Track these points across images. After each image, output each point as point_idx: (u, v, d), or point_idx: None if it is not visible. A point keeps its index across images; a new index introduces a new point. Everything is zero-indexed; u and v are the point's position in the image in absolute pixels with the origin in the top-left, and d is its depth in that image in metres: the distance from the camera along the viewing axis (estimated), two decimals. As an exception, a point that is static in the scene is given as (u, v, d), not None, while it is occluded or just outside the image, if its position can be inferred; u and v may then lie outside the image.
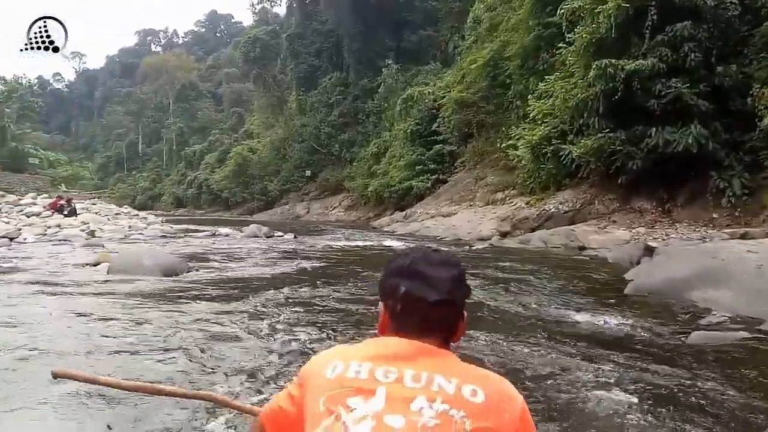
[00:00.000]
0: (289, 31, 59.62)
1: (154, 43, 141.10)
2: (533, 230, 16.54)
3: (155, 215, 33.12)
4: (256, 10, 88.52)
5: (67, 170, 55.67)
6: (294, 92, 56.96)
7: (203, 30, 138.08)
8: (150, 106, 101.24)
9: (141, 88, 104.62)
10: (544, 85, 18.97)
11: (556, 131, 17.25)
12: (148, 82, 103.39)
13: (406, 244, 14.93)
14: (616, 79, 14.12)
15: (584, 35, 15.29)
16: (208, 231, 18.24)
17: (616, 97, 14.22)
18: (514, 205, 19.60)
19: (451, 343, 1.18)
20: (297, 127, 55.36)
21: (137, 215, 25.30)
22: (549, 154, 17.03)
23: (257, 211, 55.85)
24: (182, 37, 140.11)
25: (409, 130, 34.82)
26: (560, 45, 17.74)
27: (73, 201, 20.50)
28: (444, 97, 31.79)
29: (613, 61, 14.18)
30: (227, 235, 17.12)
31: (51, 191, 37.13)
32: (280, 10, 76.12)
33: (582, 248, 12.82)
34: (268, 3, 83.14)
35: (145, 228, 17.42)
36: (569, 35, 16.39)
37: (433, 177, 32.16)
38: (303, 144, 53.73)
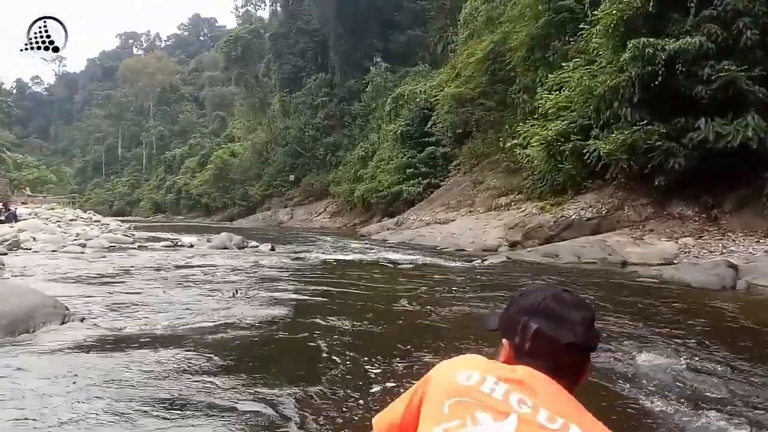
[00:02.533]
0: (272, 31, 57.52)
1: (136, 47, 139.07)
2: (549, 240, 14.21)
3: (122, 222, 30.52)
4: (240, 13, 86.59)
5: (33, 173, 52.53)
6: (277, 93, 54.72)
7: (186, 33, 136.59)
8: (130, 109, 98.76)
9: (120, 90, 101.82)
10: (558, 76, 16.71)
11: (575, 126, 14.96)
12: (128, 85, 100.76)
13: (413, 256, 12.52)
14: (656, 62, 11.85)
15: (613, 12, 12.99)
16: (172, 240, 15.66)
17: (656, 82, 11.94)
18: (523, 210, 17.26)
19: None
20: (280, 129, 53.10)
21: (98, 221, 22.63)
22: (567, 152, 14.71)
23: (238, 217, 53.68)
24: (165, 41, 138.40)
25: (398, 132, 32.59)
26: (582, 27, 15.43)
27: (14, 206, 17.81)
28: (437, 95, 29.68)
29: (652, 40, 11.89)
30: (191, 246, 14.57)
31: (12, 195, 34.33)
32: (264, 13, 74.10)
33: (624, 263, 10.50)
34: (252, 6, 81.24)
35: (97, 236, 14.83)
36: (594, 12, 14.05)
37: (425, 181, 29.99)
38: (286, 147, 51.46)
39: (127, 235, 18.03)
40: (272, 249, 14.19)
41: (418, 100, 31.89)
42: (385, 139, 35.73)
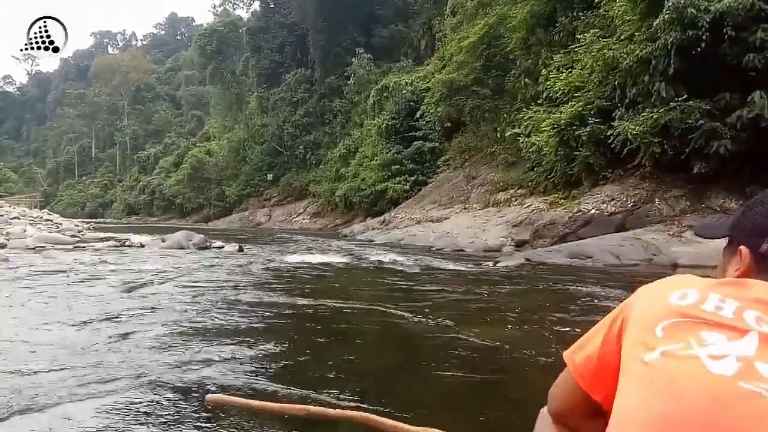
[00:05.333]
0: (249, 24, 55.31)
1: (111, 46, 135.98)
2: (563, 238, 12.24)
3: (85, 223, 27.98)
4: (218, 12, 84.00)
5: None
6: (255, 90, 52.47)
7: (163, 33, 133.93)
8: (104, 108, 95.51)
9: (94, 90, 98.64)
10: (568, 55, 14.79)
11: (592, 108, 13.01)
12: (101, 84, 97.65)
13: (407, 258, 10.32)
14: (699, 25, 9.93)
15: (643, -31, 11.06)
16: (123, 240, 13.36)
17: (699, 50, 10.01)
18: (528, 206, 15.30)
19: None
20: (258, 127, 50.87)
21: (49, 221, 20.15)
22: (584, 138, 12.73)
23: (214, 218, 51.36)
24: (141, 40, 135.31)
25: (383, 126, 30.59)
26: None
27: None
28: (425, 87, 27.76)
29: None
30: (142, 246, 12.29)
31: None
32: (243, 12, 71.67)
33: (675, 266, 8.51)
34: (230, 4, 78.81)
35: (31, 235, 12.48)
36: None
37: (412, 178, 28.07)
38: (264, 145, 49.28)
39: (75, 235, 15.68)
40: (240, 250, 11.98)
41: (404, 92, 29.91)
42: (368, 135, 33.76)
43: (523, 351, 3.56)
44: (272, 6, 51.93)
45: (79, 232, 18.02)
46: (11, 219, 16.70)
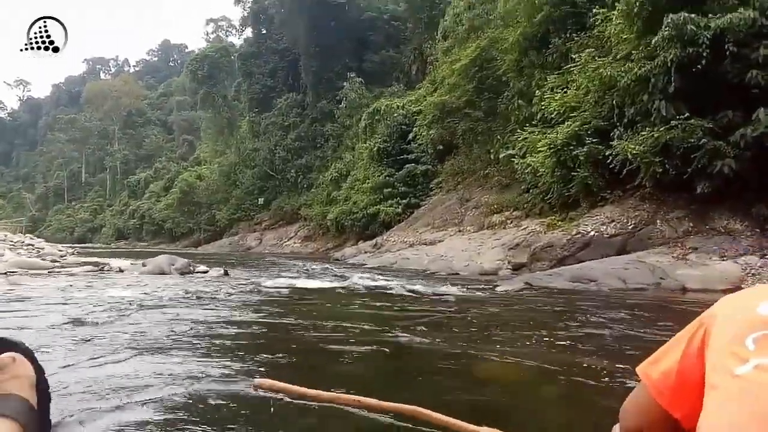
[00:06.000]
0: (241, 50, 55.47)
1: (103, 72, 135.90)
2: (562, 261, 11.84)
3: (71, 247, 27.33)
4: (210, 39, 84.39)
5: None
6: (247, 114, 52.33)
7: (156, 59, 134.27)
8: (94, 133, 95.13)
9: (85, 115, 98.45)
10: (562, 75, 14.61)
11: (588, 128, 12.71)
12: (92, 109, 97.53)
13: (401, 283, 9.79)
14: (699, 42, 9.68)
15: (640, -15, 10.82)
16: (102, 265, 12.78)
17: (699, 67, 9.74)
18: (524, 228, 14.89)
19: None
20: (249, 151, 50.58)
21: (30, 245, 19.54)
22: (582, 158, 12.40)
23: (204, 242, 50.71)
24: (133, 66, 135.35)
25: (375, 149, 30.33)
26: (595, 11, 13.30)
27: None
28: (416, 110, 27.60)
29: (694, 16, 9.74)
30: (121, 271, 11.75)
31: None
32: (235, 39, 72.03)
33: (684, 289, 8.08)
34: (223, 32, 79.28)
35: (6, 260, 11.90)
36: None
37: (404, 201, 27.67)
38: (255, 169, 48.92)
39: (56, 260, 15.11)
40: (225, 274, 11.45)
41: (395, 115, 29.73)
42: (360, 158, 33.50)
43: (543, 389, 3.09)
44: (264, 32, 52.19)
45: (61, 256, 17.44)
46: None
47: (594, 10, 13.42)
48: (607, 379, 3.24)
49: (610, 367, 3.50)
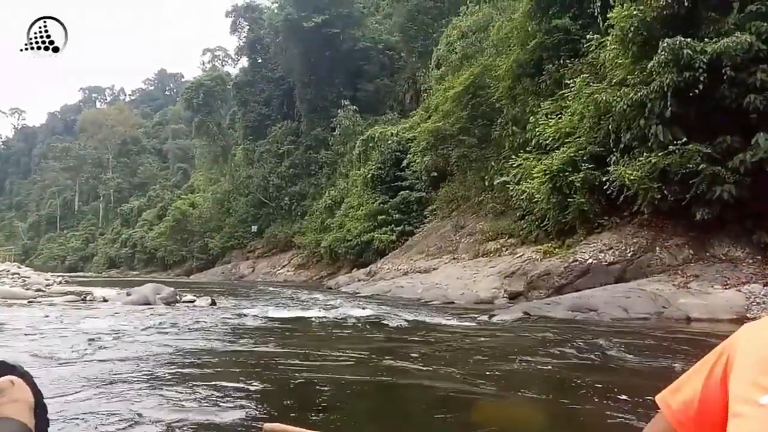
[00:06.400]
0: (237, 79, 55.78)
1: (99, 101, 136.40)
2: (559, 290, 11.53)
3: (59, 276, 26.80)
4: (207, 69, 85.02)
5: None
6: (241, 142, 52.32)
7: (152, 88, 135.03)
8: (88, 161, 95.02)
9: (80, 143, 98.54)
10: (556, 102, 14.53)
11: (584, 153, 12.54)
12: (87, 137, 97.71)
13: (395, 312, 9.42)
14: (695, 66, 9.56)
15: (633, 13, 10.75)
16: (85, 295, 12.38)
17: (696, 92, 9.61)
18: (520, 256, 14.61)
19: None
20: (243, 178, 50.31)
21: (16, 273, 19.08)
22: (578, 184, 12.20)
23: (196, 271, 50.16)
24: (129, 95, 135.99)
25: (369, 176, 30.20)
26: (589, 37, 13.23)
27: None
28: (410, 137, 27.54)
29: (689, 40, 9.64)
30: (105, 301, 11.36)
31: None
32: (231, 69, 72.42)
33: (688, 319, 7.78)
34: (219, 61, 79.89)
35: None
36: (609, 15, 11.78)
37: (399, 228, 27.38)
38: (249, 197, 48.66)
39: (41, 289, 14.73)
40: (212, 304, 11.08)
41: (389, 142, 29.66)
42: (354, 186, 33.34)
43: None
44: (260, 61, 52.53)
45: (47, 285, 17.00)
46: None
47: (588, 36, 13.38)
48: (621, 419, 2.92)
49: (627, 408, 3.18)
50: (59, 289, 15.36)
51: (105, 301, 11.35)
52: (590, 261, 11.52)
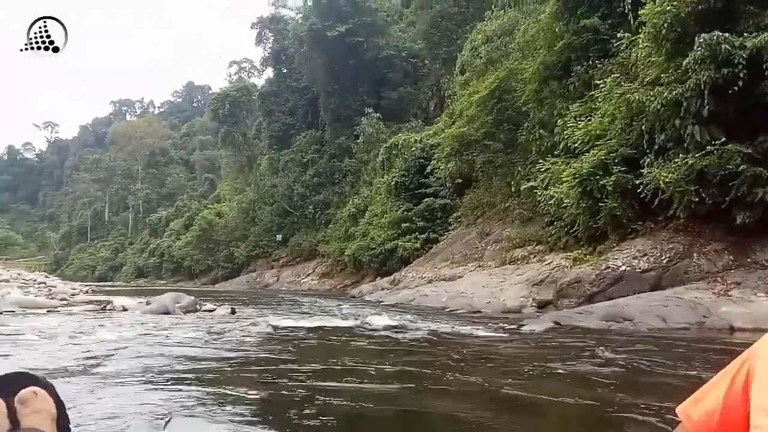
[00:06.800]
0: (262, 89, 56.25)
1: (129, 113, 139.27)
2: (591, 298, 11.03)
3: (87, 285, 27.10)
4: (233, 80, 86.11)
5: (-6, 235, 49.66)
6: (266, 152, 52.67)
7: (180, 100, 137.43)
8: (118, 173, 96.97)
9: (110, 155, 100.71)
10: (585, 103, 14.07)
11: (615, 156, 12.06)
12: (117, 149, 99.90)
13: (418, 321, 9.10)
14: (735, 62, 9.07)
15: (667, 8, 10.29)
16: (104, 304, 12.33)
17: (735, 89, 9.11)
18: (549, 263, 14.14)
19: None
20: (268, 188, 50.51)
21: (42, 283, 19.26)
22: (609, 187, 11.72)
23: (222, 279, 50.49)
24: (158, 107, 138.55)
25: (392, 183, 29.95)
26: (619, 36, 12.79)
27: None
28: (434, 143, 27.20)
29: (727, 35, 9.15)
30: (124, 310, 11.25)
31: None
32: (257, 80, 73.14)
33: (731, 329, 7.29)
34: (246, 73, 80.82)
35: (7, 299, 11.52)
36: (641, 12, 11.33)
37: (423, 236, 26.99)
38: (274, 206, 48.82)
39: (65, 298, 14.76)
40: (232, 312, 10.88)
41: (413, 149, 29.39)
42: (377, 193, 33.10)
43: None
44: (284, 71, 52.90)
45: (72, 295, 17.07)
46: (-1, 281, 15.81)
47: (618, 35, 12.92)
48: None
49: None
50: (83, 299, 15.36)
51: (125, 310, 11.25)
52: (623, 268, 11.01)
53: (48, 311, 10.61)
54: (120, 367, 4.70)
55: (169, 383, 3.95)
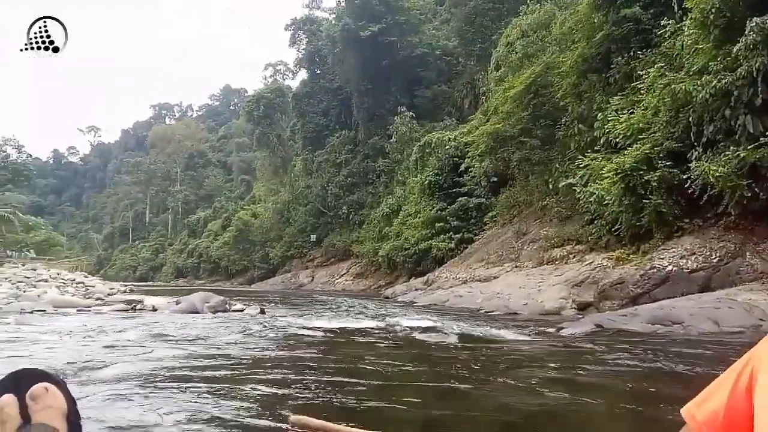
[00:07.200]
0: (296, 90, 56.57)
1: (168, 117, 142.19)
2: (635, 300, 10.48)
3: (125, 285, 27.56)
4: (269, 83, 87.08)
5: (40, 235, 51.06)
6: (300, 153, 52.93)
7: (217, 103, 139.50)
8: (158, 175, 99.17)
9: (150, 157, 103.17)
10: (627, 96, 13.46)
11: (660, 150, 11.44)
12: (157, 152, 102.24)
13: (452, 323, 8.73)
14: (790, 46, 8.43)
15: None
16: (135, 303, 12.35)
17: (792, 74, 8.48)
18: (590, 263, 13.56)
19: None
20: (302, 188, 50.70)
21: (81, 282, 19.58)
22: (654, 183, 11.11)
23: (258, 280, 51.02)
24: (196, 111, 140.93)
25: (426, 182, 29.53)
26: (663, 23, 12.17)
27: None
28: (469, 141, 26.67)
29: (783, 17, 8.53)
30: (154, 310, 11.21)
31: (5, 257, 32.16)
32: (292, 82, 73.71)
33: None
34: (281, 75, 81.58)
35: (43, 298, 11.64)
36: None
37: (458, 236, 26.50)
38: (308, 207, 48.98)
39: (100, 298, 14.94)
40: (261, 312, 10.73)
41: (447, 147, 28.90)
42: (411, 193, 32.75)
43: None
44: (318, 72, 53.07)
45: (108, 294, 17.31)
46: (37, 282, 16.08)
47: (662, 23, 12.27)
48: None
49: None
50: (118, 298, 15.52)
51: (154, 310, 11.23)
52: (670, 268, 10.41)
53: (78, 311, 10.66)
54: (115, 371, 4.51)
55: (163, 385, 3.74)
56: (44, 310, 10.14)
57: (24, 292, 12.98)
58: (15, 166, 52.13)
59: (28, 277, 16.66)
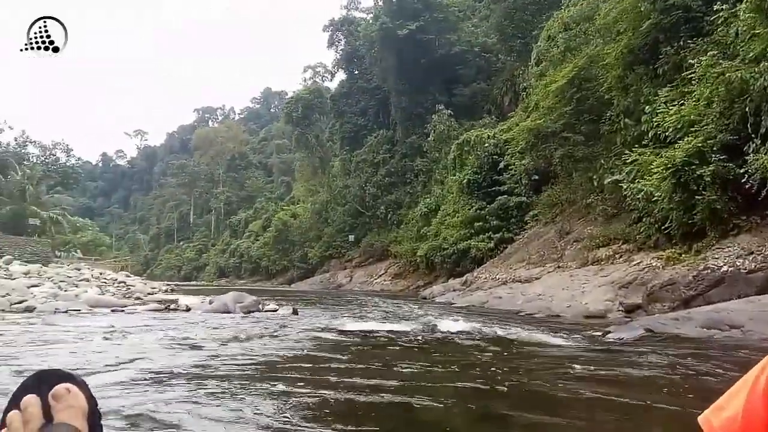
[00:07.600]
0: (333, 91, 56.76)
1: (211, 120, 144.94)
2: (687, 302, 9.83)
3: (168, 284, 28.01)
4: (308, 84, 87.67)
5: (87, 236, 52.64)
6: (338, 153, 53.08)
7: (258, 106, 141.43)
8: (202, 177, 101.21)
9: (194, 160, 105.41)
10: (677, 86, 12.74)
11: (713, 143, 10.73)
12: (200, 154, 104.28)
13: (489, 327, 8.31)
14: None
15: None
16: (169, 303, 12.34)
17: None
18: (637, 263, 12.89)
19: None
20: (340, 188, 50.77)
21: (122, 282, 19.88)
22: (707, 178, 10.42)
23: (297, 279, 51.35)
24: (238, 114, 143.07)
25: (464, 181, 28.99)
26: (716, 8, 11.44)
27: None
28: (508, 139, 26.01)
29: None
30: (187, 309, 11.15)
31: (53, 257, 33.17)
32: (330, 84, 74.05)
33: None
34: (320, 77, 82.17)
35: (81, 298, 11.75)
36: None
37: (497, 235, 25.90)
38: (346, 207, 49.01)
39: (140, 297, 15.07)
40: (294, 313, 10.53)
41: (486, 145, 28.28)
42: (449, 192, 32.25)
43: None
44: (356, 73, 53.11)
45: (148, 294, 17.47)
46: (79, 281, 16.35)
47: (715, 8, 11.53)
48: None
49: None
50: (157, 298, 15.63)
51: (188, 309, 11.19)
52: (725, 268, 9.71)
53: (112, 310, 10.68)
54: (119, 377, 4.31)
55: (167, 386, 3.50)
56: (79, 310, 10.21)
57: (64, 291, 13.19)
58: (64, 169, 53.96)
59: (70, 277, 17.00)
